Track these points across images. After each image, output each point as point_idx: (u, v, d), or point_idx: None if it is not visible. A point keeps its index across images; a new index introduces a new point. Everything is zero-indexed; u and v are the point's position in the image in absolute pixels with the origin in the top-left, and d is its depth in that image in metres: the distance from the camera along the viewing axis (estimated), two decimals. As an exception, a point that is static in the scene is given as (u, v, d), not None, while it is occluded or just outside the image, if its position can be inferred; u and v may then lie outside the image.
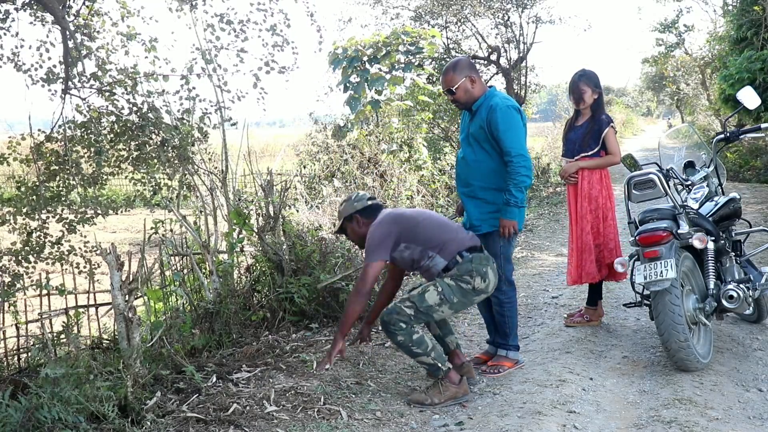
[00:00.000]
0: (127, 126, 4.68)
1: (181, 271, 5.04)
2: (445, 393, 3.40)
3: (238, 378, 3.61)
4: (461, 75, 3.66)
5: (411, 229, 3.46)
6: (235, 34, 4.87)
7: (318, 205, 8.58)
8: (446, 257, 3.44)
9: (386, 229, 3.45)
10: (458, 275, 3.40)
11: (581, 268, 4.46)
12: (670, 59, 25.01)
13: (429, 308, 3.35)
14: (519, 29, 13.95)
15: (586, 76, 4.45)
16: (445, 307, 3.38)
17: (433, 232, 3.47)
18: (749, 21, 11.59)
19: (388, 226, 3.47)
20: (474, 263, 3.42)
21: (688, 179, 4.32)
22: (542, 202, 11.80)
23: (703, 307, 3.72)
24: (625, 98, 43.46)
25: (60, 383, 2.93)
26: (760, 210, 9.04)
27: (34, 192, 4.61)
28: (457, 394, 3.42)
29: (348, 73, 9.25)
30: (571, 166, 4.51)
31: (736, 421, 3.11)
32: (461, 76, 3.66)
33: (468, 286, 3.39)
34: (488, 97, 3.67)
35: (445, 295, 3.36)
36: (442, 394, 3.39)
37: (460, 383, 3.45)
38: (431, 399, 3.38)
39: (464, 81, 3.66)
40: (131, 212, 7.70)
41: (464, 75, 3.66)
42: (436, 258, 3.44)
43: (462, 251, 3.44)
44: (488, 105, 3.63)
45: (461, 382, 3.46)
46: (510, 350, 3.88)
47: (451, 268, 3.43)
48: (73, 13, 4.74)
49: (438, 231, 3.48)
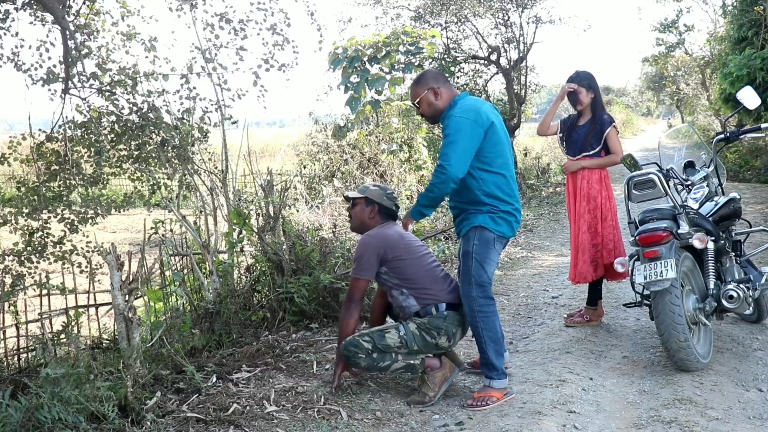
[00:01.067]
0: (127, 126, 4.68)
1: (181, 271, 5.04)
2: (434, 382, 3.40)
3: (238, 378, 3.61)
4: (423, 88, 3.52)
5: (397, 261, 3.44)
6: (235, 33, 4.87)
7: (318, 205, 8.58)
8: (420, 303, 3.43)
9: (376, 251, 3.42)
10: (427, 326, 3.38)
11: (576, 268, 4.48)
12: (670, 59, 25.01)
13: (387, 347, 3.35)
14: (519, 29, 13.95)
15: (579, 78, 4.46)
16: (403, 351, 3.37)
17: (416, 274, 3.44)
18: (749, 21, 11.59)
19: (381, 247, 3.43)
20: (447, 321, 3.40)
21: (688, 179, 4.32)
22: (542, 202, 11.80)
23: (703, 307, 3.72)
24: (625, 98, 43.46)
25: (60, 383, 2.93)
26: (760, 210, 9.04)
27: (34, 192, 4.61)
28: (446, 376, 3.42)
29: (348, 73, 9.25)
30: (573, 165, 4.52)
31: (736, 421, 3.11)
32: (423, 89, 3.52)
33: (432, 340, 3.38)
34: (450, 107, 3.48)
35: (406, 340, 3.35)
36: (433, 384, 3.39)
37: (441, 365, 3.44)
38: (427, 395, 3.38)
39: (426, 94, 3.50)
40: (131, 212, 7.70)
41: (426, 87, 3.50)
42: (410, 299, 3.44)
43: (439, 304, 3.42)
44: (447, 115, 3.46)
45: (442, 363, 3.45)
46: (494, 378, 3.38)
47: (422, 316, 3.42)
48: (73, 13, 4.74)
49: (420, 274, 3.45)
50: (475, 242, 3.40)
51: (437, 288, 3.46)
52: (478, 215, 3.42)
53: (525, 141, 20.02)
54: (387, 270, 3.46)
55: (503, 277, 6.29)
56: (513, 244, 7.99)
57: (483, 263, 3.39)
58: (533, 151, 17.54)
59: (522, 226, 9.20)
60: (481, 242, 3.40)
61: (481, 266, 3.38)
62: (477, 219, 3.42)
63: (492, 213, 3.41)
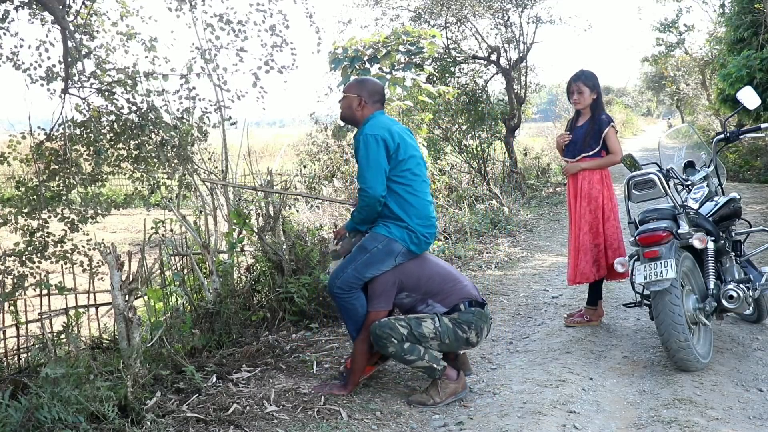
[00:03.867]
0: (126, 125, 4.68)
1: (181, 271, 5.04)
2: (444, 390, 3.41)
3: (238, 378, 3.62)
4: (354, 91, 3.56)
5: (414, 281, 3.46)
6: (235, 34, 4.87)
7: (318, 205, 8.58)
8: (447, 305, 3.44)
9: (391, 279, 3.44)
10: (458, 321, 3.40)
11: (576, 268, 4.48)
12: (670, 59, 25.03)
13: (422, 336, 3.34)
14: (519, 29, 13.93)
15: (584, 77, 4.46)
16: (435, 343, 3.37)
17: (434, 283, 3.46)
18: (748, 22, 11.60)
19: (394, 275, 3.44)
20: (475, 317, 3.43)
21: (688, 179, 4.32)
22: (542, 202, 11.79)
23: (703, 307, 3.72)
24: (625, 98, 43.46)
25: (60, 383, 2.93)
26: (760, 210, 9.04)
27: (34, 192, 4.61)
28: (457, 390, 3.43)
29: (348, 72, 9.24)
30: (573, 167, 4.52)
31: (736, 421, 3.11)
32: (354, 92, 3.55)
33: (463, 335, 3.39)
34: (363, 125, 3.50)
35: (440, 332, 3.35)
36: (443, 392, 3.40)
37: (458, 378, 3.45)
38: (432, 399, 3.39)
39: (352, 97, 3.53)
40: (131, 212, 7.70)
41: (357, 93, 3.54)
42: (436, 306, 3.45)
43: (466, 301, 3.45)
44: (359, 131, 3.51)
45: (459, 377, 3.46)
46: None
47: (451, 313, 3.44)
48: (73, 13, 4.74)
49: (440, 281, 3.47)
50: (362, 249, 3.49)
51: (458, 288, 3.47)
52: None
53: (525, 141, 20.02)
54: (408, 293, 3.47)
55: (503, 277, 6.29)
56: (513, 244, 7.99)
57: (359, 268, 3.46)
58: (533, 151, 17.52)
59: (522, 226, 9.20)
60: (363, 253, 3.48)
61: (358, 270, 3.47)
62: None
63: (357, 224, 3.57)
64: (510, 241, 8.19)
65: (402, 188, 3.43)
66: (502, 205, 10.15)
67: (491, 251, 7.53)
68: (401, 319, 3.36)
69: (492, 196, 10.79)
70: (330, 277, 3.56)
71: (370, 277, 3.44)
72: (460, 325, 3.39)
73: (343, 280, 3.45)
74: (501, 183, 12.69)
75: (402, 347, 3.30)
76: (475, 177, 12.49)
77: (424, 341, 3.34)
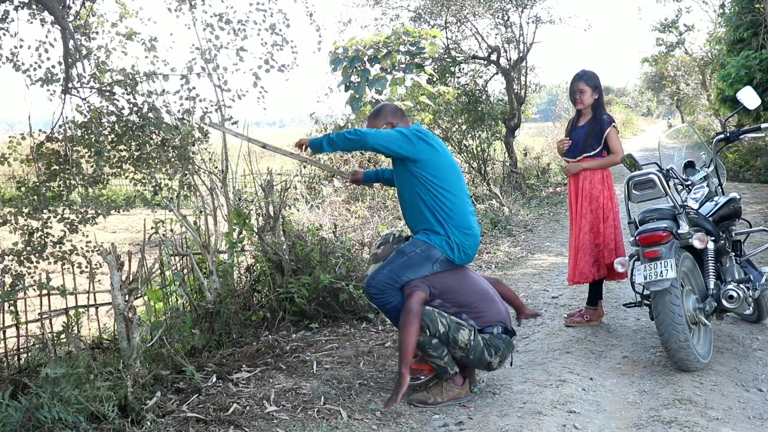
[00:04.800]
0: (127, 126, 4.68)
1: (181, 271, 5.04)
2: (448, 393, 3.42)
3: (238, 378, 3.62)
4: (381, 121, 3.66)
5: (449, 291, 3.45)
6: (235, 33, 4.87)
7: (318, 205, 8.59)
8: (480, 323, 3.44)
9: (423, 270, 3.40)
10: (488, 343, 3.41)
11: (576, 268, 4.48)
12: (670, 59, 25.02)
13: (453, 342, 3.34)
14: (519, 29, 13.93)
15: (586, 77, 4.46)
16: (460, 353, 3.37)
17: (471, 299, 3.46)
18: (747, 22, 11.60)
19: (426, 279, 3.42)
20: (504, 344, 3.44)
21: (688, 179, 4.32)
22: (542, 202, 11.79)
23: (703, 307, 3.72)
24: (625, 98, 43.43)
25: (60, 383, 2.93)
26: (760, 210, 9.04)
27: (34, 192, 4.61)
28: (459, 395, 3.44)
29: (348, 72, 9.24)
30: (574, 167, 4.52)
31: (736, 421, 3.11)
32: (382, 122, 3.66)
33: (488, 358, 3.40)
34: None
35: (470, 346, 3.36)
36: (445, 394, 3.41)
37: (463, 384, 3.46)
38: (434, 398, 3.40)
39: (384, 126, 3.64)
40: (131, 212, 7.69)
41: (383, 121, 3.66)
42: (470, 321, 3.45)
43: (499, 326, 3.45)
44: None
45: (464, 384, 3.47)
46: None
47: (482, 332, 3.44)
48: (73, 14, 4.74)
49: (478, 298, 3.47)
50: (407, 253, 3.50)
51: (494, 310, 3.48)
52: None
53: (525, 141, 20.01)
54: (442, 302, 3.46)
55: (503, 278, 6.28)
56: (513, 244, 7.99)
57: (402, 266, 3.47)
58: (533, 151, 17.51)
59: (522, 226, 9.21)
60: (413, 256, 3.49)
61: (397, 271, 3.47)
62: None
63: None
64: (510, 241, 8.20)
65: (441, 198, 3.44)
66: (502, 205, 10.15)
67: (491, 251, 7.54)
68: (444, 316, 3.36)
69: (492, 196, 10.79)
70: (367, 278, 3.58)
71: (406, 281, 3.43)
72: (489, 347, 3.40)
73: (378, 280, 3.46)
74: (501, 183, 12.69)
75: (430, 341, 3.31)
76: (475, 177, 12.49)
77: (452, 346, 3.35)
